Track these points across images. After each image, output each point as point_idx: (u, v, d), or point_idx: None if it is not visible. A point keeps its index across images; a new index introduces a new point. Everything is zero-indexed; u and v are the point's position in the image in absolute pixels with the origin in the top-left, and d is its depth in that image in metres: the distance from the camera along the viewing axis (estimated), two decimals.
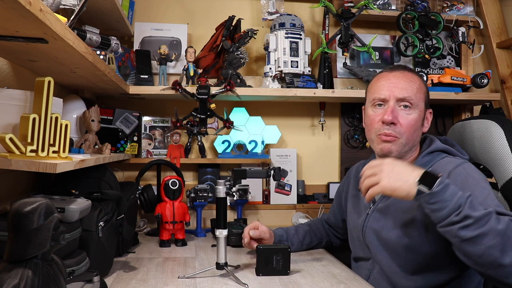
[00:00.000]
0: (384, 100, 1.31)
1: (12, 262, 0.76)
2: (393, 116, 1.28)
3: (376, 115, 1.32)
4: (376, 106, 1.33)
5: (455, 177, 1.17)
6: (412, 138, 1.30)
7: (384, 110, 1.30)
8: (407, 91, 1.29)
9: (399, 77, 1.32)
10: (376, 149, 1.34)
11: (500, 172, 1.28)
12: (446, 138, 1.40)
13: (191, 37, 2.17)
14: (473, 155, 1.39)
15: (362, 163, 1.57)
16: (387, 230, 1.30)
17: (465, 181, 1.16)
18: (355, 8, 2.09)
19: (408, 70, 1.37)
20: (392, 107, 1.29)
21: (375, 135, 1.32)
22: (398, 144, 1.29)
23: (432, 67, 2.29)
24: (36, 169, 0.96)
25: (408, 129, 1.28)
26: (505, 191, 1.27)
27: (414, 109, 1.30)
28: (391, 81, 1.32)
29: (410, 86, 1.30)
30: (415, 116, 1.29)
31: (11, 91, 1.07)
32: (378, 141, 1.32)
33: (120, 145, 1.86)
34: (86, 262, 1.12)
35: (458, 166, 1.21)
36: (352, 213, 1.49)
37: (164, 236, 1.69)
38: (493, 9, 2.25)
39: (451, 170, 1.20)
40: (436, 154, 1.30)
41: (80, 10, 1.15)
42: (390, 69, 1.38)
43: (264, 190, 2.17)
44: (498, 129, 1.31)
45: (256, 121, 2.17)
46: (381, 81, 1.35)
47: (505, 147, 1.28)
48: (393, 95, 1.29)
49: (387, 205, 1.32)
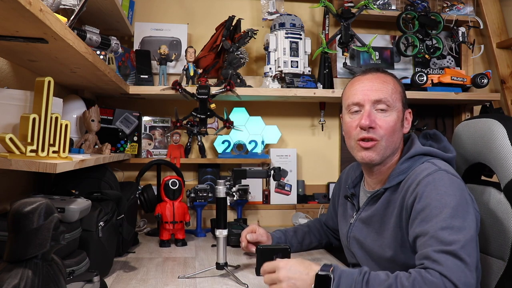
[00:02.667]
0: (359, 105, 1.26)
1: (12, 262, 0.76)
2: (370, 120, 1.22)
3: (353, 121, 1.27)
4: (352, 112, 1.28)
5: (421, 187, 1.13)
6: (393, 140, 1.25)
7: (360, 115, 1.25)
8: (382, 92, 1.25)
9: (372, 80, 1.28)
10: (357, 157, 1.28)
11: (502, 172, 1.27)
12: (435, 132, 1.35)
13: (191, 37, 2.17)
14: (477, 155, 1.39)
15: (353, 166, 1.53)
16: (370, 240, 1.28)
17: (429, 193, 1.11)
18: (355, 8, 2.09)
19: (381, 71, 1.32)
20: (369, 111, 1.24)
21: (354, 141, 1.27)
22: (379, 149, 1.24)
23: (432, 67, 2.29)
24: (36, 169, 0.96)
25: (387, 131, 1.23)
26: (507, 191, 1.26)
27: (391, 111, 1.25)
28: (364, 84, 1.28)
29: (384, 87, 1.26)
30: (394, 118, 1.24)
31: (11, 91, 1.07)
32: (358, 148, 1.26)
33: (120, 145, 1.86)
34: (86, 262, 1.12)
35: (428, 175, 1.15)
36: (341, 220, 1.48)
37: (164, 236, 1.69)
38: (493, 9, 2.25)
39: (421, 179, 1.15)
40: (416, 158, 1.24)
41: (80, 10, 1.15)
42: (363, 72, 1.34)
43: (264, 190, 2.17)
44: (501, 128, 1.29)
45: (256, 121, 2.17)
46: (354, 85, 1.30)
47: (507, 146, 1.26)
48: (368, 98, 1.25)
49: (370, 215, 1.29)
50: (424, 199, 1.11)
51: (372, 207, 1.29)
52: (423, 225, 1.08)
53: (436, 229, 1.05)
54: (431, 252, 1.02)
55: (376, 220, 1.27)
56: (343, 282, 1.01)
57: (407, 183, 1.19)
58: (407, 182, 1.19)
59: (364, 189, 1.38)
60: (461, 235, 1.03)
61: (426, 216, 1.09)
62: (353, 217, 1.37)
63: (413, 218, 1.12)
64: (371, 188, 1.35)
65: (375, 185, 1.33)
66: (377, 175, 1.31)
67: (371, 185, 1.35)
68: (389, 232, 1.21)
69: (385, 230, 1.23)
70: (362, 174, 1.42)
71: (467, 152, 1.42)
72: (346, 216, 1.44)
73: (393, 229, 1.20)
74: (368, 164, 1.28)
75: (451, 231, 1.04)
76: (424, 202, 1.10)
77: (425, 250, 1.04)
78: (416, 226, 1.10)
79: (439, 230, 1.04)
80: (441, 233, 1.04)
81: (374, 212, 1.28)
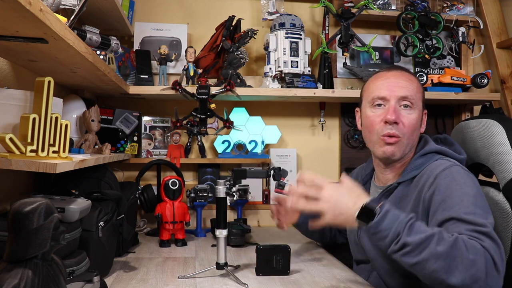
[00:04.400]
0: (384, 99, 1.28)
1: (12, 262, 0.76)
2: (396, 115, 1.25)
3: (377, 116, 1.29)
4: (375, 106, 1.30)
5: (440, 180, 1.16)
6: (412, 138, 1.29)
7: (385, 110, 1.27)
8: (408, 89, 1.28)
9: (398, 76, 1.30)
10: (378, 151, 1.30)
11: (501, 172, 1.28)
12: (446, 137, 1.39)
13: (191, 37, 2.17)
14: (476, 155, 1.39)
15: (362, 167, 1.55)
16: None
17: (448, 185, 1.14)
18: (355, 8, 2.09)
19: (406, 70, 1.35)
20: (394, 106, 1.26)
21: (377, 136, 1.29)
22: (401, 145, 1.27)
23: (432, 67, 2.29)
24: (36, 169, 0.96)
25: (409, 128, 1.26)
26: (506, 191, 1.26)
27: (414, 109, 1.28)
28: (390, 80, 1.30)
29: (410, 85, 1.29)
30: (416, 116, 1.28)
31: (11, 91, 1.07)
32: (381, 143, 1.28)
33: (120, 145, 1.86)
34: (86, 262, 1.12)
35: (446, 169, 1.18)
36: None
37: (164, 236, 1.69)
38: (493, 9, 2.25)
39: (438, 173, 1.18)
40: (430, 156, 1.27)
41: (80, 10, 1.15)
42: (387, 69, 1.36)
43: (264, 190, 2.17)
44: (500, 128, 1.30)
45: (256, 121, 2.17)
46: (379, 80, 1.32)
47: (506, 146, 1.27)
48: (394, 94, 1.27)
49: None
50: (443, 191, 1.12)
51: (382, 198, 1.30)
52: (446, 212, 1.08)
53: (460, 214, 1.05)
54: (464, 231, 1.02)
55: None
56: (388, 218, 1.01)
57: (423, 178, 1.21)
58: (422, 177, 1.21)
59: (375, 185, 1.41)
60: (487, 220, 1.05)
61: (448, 205, 1.09)
62: None
63: (434, 209, 1.13)
64: (382, 184, 1.37)
65: (386, 181, 1.35)
66: (391, 171, 1.34)
67: (383, 181, 1.37)
68: None
69: None
70: (372, 171, 1.45)
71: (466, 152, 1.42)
72: None
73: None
74: (389, 158, 1.29)
75: (476, 216, 1.05)
76: (444, 193, 1.12)
77: (456, 232, 1.02)
78: (438, 215, 1.11)
79: (464, 215, 1.05)
80: (468, 216, 1.05)
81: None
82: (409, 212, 1.18)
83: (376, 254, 1.31)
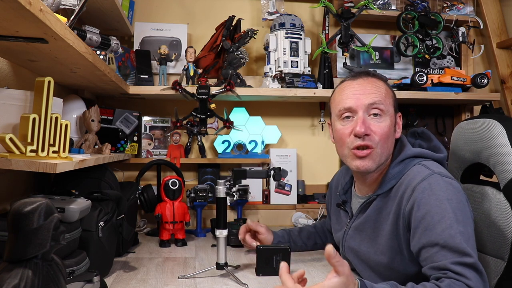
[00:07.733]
0: (351, 110, 1.21)
1: (12, 262, 0.76)
2: (365, 127, 1.17)
3: (346, 128, 1.21)
4: (344, 119, 1.22)
5: (418, 194, 1.11)
6: (387, 146, 1.21)
7: (354, 122, 1.19)
8: (375, 95, 1.20)
9: (364, 84, 1.23)
10: (351, 166, 1.23)
11: (502, 172, 1.28)
12: (423, 131, 1.32)
13: (191, 37, 2.17)
14: (476, 155, 1.39)
15: (341, 171, 1.50)
16: (364, 247, 1.25)
17: (427, 200, 1.09)
18: (355, 8, 2.10)
19: (372, 75, 1.26)
20: (362, 117, 1.18)
21: (348, 150, 1.21)
22: (374, 156, 1.19)
23: (432, 67, 2.29)
24: (36, 169, 0.96)
25: (382, 137, 1.18)
26: (507, 191, 1.26)
27: (385, 116, 1.20)
28: (355, 88, 1.22)
29: (377, 90, 1.21)
30: (387, 123, 1.20)
31: (11, 91, 1.07)
32: (352, 156, 1.21)
33: (120, 145, 1.86)
34: (86, 262, 1.12)
35: (423, 180, 1.12)
36: (335, 229, 1.45)
37: (164, 236, 1.69)
38: (493, 9, 2.25)
39: (416, 185, 1.12)
40: (407, 161, 1.21)
41: (80, 10, 1.15)
42: (353, 77, 1.27)
43: (264, 190, 2.17)
44: (500, 128, 1.30)
45: (256, 121, 2.17)
46: (345, 90, 1.25)
47: (507, 146, 1.26)
48: (361, 102, 1.19)
49: (362, 221, 1.26)
50: (423, 206, 1.09)
51: (364, 213, 1.27)
52: (428, 234, 1.06)
53: (444, 238, 1.03)
54: (449, 264, 1.00)
55: (369, 226, 1.24)
56: None
57: (401, 189, 1.16)
58: (400, 188, 1.17)
59: (356, 195, 1.35)
60: (470, 243, 1.03)
61: (428, 224, 1.07)
62: (347, 225, 1.34)
63: (415, 227, 1.10)
64: (363, 194, 1.32)
65: (367, 191, 1.30)
66: (369, 181, 1.28)
67: (363, 190, 1.32)
68: (384, 239, 1.19)
69: (379, 237, 1.21)
70: (352, 179, 1.39)
71: (466, 152, 1.42)
72: (340, 224, 1.41)
73: (388, 236, 1.17)
74: (364, 173, 1.24)
75: (460, 238, 1.02)
76: (423, 210, 1.08)
77: (441, 262, 1.01)
78: (420, 236, 1.08)
79: (448, 239, 1.03)
80: (451, 241, 1.02)
81: (366, 218, 1.25)
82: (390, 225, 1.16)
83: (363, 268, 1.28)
